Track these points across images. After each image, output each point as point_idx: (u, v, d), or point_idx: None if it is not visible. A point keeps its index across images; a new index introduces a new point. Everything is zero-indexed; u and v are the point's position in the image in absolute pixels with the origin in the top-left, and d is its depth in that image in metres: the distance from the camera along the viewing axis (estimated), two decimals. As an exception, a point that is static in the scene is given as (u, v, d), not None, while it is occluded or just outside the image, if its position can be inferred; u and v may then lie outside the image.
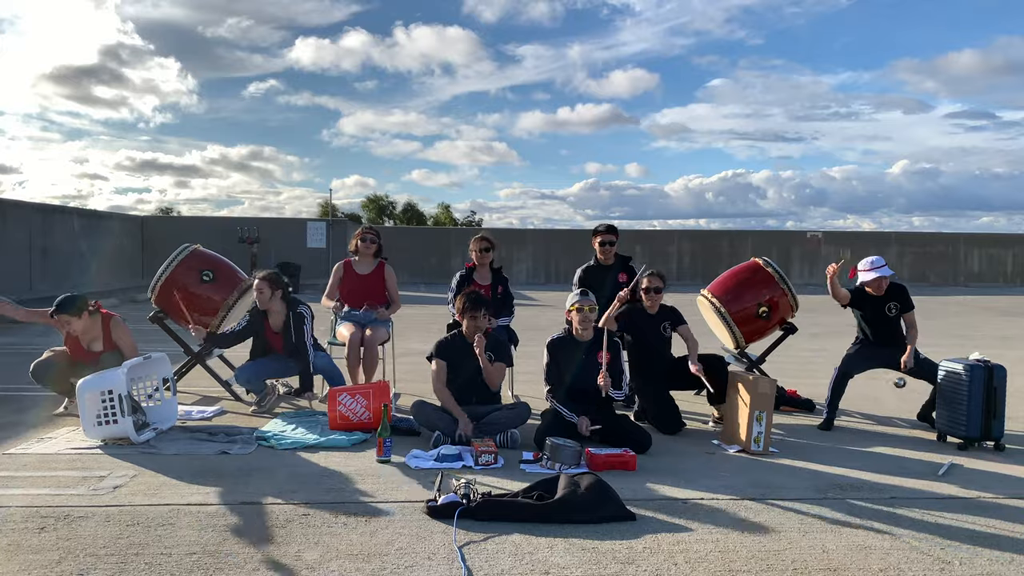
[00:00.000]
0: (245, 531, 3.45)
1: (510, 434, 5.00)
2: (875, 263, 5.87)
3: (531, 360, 6.79)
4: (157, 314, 6.48)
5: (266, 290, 5.85)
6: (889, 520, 3.74)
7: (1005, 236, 27.54)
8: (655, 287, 5.80)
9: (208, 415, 5.74)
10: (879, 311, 5.88)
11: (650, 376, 5.72)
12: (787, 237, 26.93)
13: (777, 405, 6.11)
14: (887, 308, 5.87)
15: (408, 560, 3.17)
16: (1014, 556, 3.32)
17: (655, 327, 5.82)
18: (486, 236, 6.54)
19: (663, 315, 5.86)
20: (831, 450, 5.07)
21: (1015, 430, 5.55)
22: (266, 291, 5.85)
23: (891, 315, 5.87)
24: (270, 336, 6.00)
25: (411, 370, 7.47)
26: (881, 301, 5.87)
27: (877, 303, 5.88)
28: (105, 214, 21.27)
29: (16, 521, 3.53)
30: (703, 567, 3.16)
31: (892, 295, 5.89)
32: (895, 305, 5.87)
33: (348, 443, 4.97)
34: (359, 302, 6.44)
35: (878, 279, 5.81)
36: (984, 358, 5.20)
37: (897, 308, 5.87)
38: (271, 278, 5.93)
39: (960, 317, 14.86)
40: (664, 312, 5.89)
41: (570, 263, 25.09)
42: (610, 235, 6.43)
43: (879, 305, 5.88)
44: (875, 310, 5.90)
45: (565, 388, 5.20)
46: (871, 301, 5.90)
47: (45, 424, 5.42)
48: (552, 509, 3.64)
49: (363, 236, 6.61)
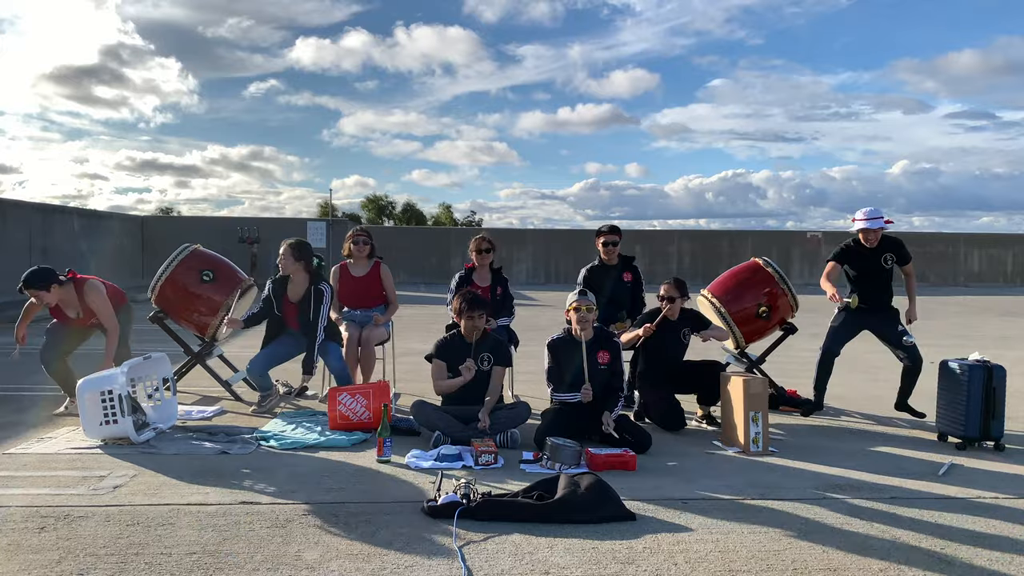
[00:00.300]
0: (245, 531, 3.45)
1: (510, 434, 5.00)
2: (870, 213, 5.77)
3: (531, 360, 6.79)
4: (157, 314, 6.48)
5: (288, 258, 5.93)
6: (889, 520, 3.74)
7: (1005, 236, 27.57)
8: (670, 296, 5.69)
9: (208, 415, 5.74)
10: (874, 264, 5.76)
11: (659, 379, 5.72)
12: (787, 237, 26.94)
13: (777, 405, 6.12)
14: (883, 260, 5.76)
15: (408, 560, 3.17)
16: (1014, 556, 3.32)
17: (675, 333, 5.80)
18: (486, 237, 6.54)
19: (684, 321, 5.83)
20: (831, 450, 5.07)
21: (1015, 430, 5.55)
22: (288, 259, 5.94)
23: (887, 267, 5.76)
24: (287, 308, 6.01)
25: (411, 370, 7.47)
26: (875, 253, 5.80)
27: (871, 256, 5.79)
28: (105, 214, 21.27)
29: (16, 521, 3.53)
30: (703, 567, 3.16)
31: (887, 247, 5.79)
32: (891, 257, 5.77)
33: (348, 443, 4.97)
34: (357, 304, 6.46)
35: (869, 230, 5.72)
36: (984, 358, 5.20)
37: (893, 260, 5.78)
38: (296, 246, 6.00)
39: (960, 317, 14.86)
40: (685, 318, 5.84)
41: (570, 263, 25.36)
42: (613, 235, 6.45)
43: (874, 258, 5.78)
44: (868, 263, 5.77)
45: (566, 387, 5.20)
46: (864, 255, 5.79)
47: (45, 424, 5.42)
48: (552, 509, 3.64)
49: (355, 239, 6.56)
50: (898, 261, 5.82)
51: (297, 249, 5.97)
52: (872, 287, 5.82)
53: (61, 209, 18.32)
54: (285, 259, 5.95)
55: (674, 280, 5.77)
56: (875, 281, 5.80)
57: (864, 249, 5.82)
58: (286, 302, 6.01)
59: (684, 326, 5.83)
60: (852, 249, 5.84)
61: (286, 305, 6.01)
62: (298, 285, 5.98)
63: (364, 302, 6.53)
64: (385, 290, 6.62)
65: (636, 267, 6.57)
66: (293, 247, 5.97)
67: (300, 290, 5.97)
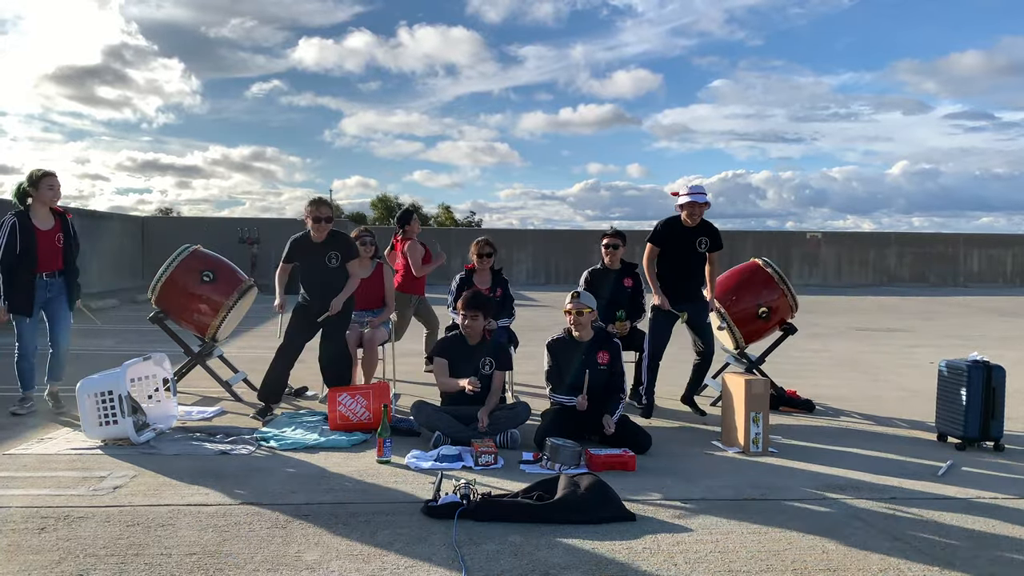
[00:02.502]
0: (245, 531, 3.45)
1: (510, 434, 5.00)
2: (694, 188, 5.81)
3: (531, 360, 6.80)
4: (157, 314, 6.48)
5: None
6: (889, 520, 3.74)
7: (1005, 236, 27.54)
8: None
9: (208, 415, 5.74)
10: (689, 244, 5.80)
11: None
12: (787, 238, 26.92)
13: (777, 405, 6.12)
14: (698, 242, 5.82)
15: (408, 560, 3.17)
16: (1014, 556, 3.32)
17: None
18: (488, 241, 6.52)
19: (702, 230, 5.88)
20: (831, 450, 5.07)
21: (1015, 430, 5.55)
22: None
23: (701, 250, 5.83)
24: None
25: (411, 370, 7.47)
26: (692, 234, 5.84)
27: (687, 235, 5.82)
28: (105, 214, 21.26)
29: (16, 521, 3.53)
30: (703, 567, 3.16)
31: (703, 230, 5.85)
32: (705, 240, 5.84)
33: (348, 443, 4.97)
34: (360, 306, 6.46)
35: (692, 204, 5.76)
36: (984, 358, 5.20)
37: (707, 244, 5.85)
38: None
39: (960, 317, 14.87)
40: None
41: (570, 264, 25.36)
42: (616, 239, 6.49)
43: (690, 238, 5.82)
44: (684, 243, 5.81)
45: (566, 388, 5.20)
46: (681, 234, 5.81)
47: (45, 424, 5.42)
48: (552, 509, 3.64)
49: (361, 239, 6.53)
50: (710, 247, 5.88)
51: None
52: (683, 269, 5.84)
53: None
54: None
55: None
56: (687, 262, 5.83)
57: (682, 228, 5.83)
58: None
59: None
60: (670, 228, 5.86)
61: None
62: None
63: (367, 303, 6.53)
64: (385, 292, 6.62)
65: (638, 274, 6.59)
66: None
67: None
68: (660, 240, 5.87)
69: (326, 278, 5.78)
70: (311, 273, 5.80)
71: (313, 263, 5.78)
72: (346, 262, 5.84)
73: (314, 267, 5.79)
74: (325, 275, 5.78)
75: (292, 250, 5.84)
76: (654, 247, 5.90)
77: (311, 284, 5.81)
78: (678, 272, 5.81)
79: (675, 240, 5.83)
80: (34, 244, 5.58)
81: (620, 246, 6.49)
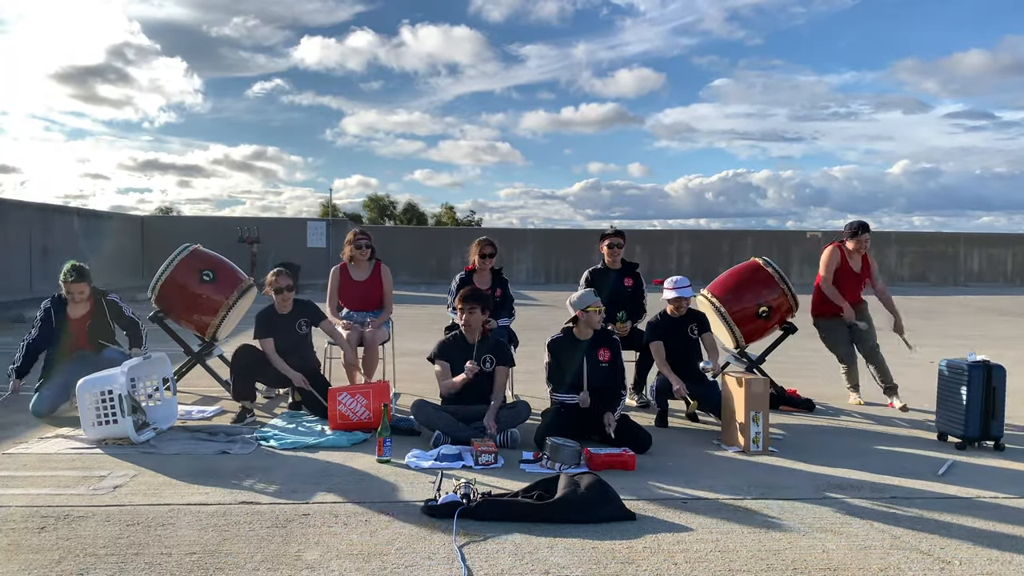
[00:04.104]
0: (245, 530, 3.45)
1: (510, 433, 5.00)
2: (678, 283, 5.93)
3: (531, 360, 6.79)
4: (157, 314, 6.48)
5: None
6: (889, 520, 3.74)
7: (1005, 236, 27.56)
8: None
9: (208, 415, 5.74)
10: (681, 332, 5.91)
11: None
12: (787, 237, 26.93)
13: (777, 405, 6.12)
14: (689, 329, 5.94)
15: (408, 560, 3.17)
16: (1014, 556, 3.32)
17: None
18: (490, 241, 6.50)
19: (690, 318, 5.96)
20: (831, 450, 5.07)
21: (1015, 430, 5.54)
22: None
23: (693, 336, 5.93)
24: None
25: (411, 370, 7.47)
26: (682, 323, 5.93)
27: (678, 325, 5.92)
28: (105, 214, 21.29)
29: (16, 521, 3.53)
30: (703, 567, 3.16)
31: (691, 317, 5.97)
32: (694, 327, 5.95)
33: (348, 443, 4.97)
34: (359, 307, 6.46)
35: (681, 299, 5.87)
36: (983, 358, 5.20)
37: (697, 330, 5.95)
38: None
39: (960, 317, 14.86)
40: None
41: (570, 263, 25.39)
42: (617, 238, 6.52)
43: (681, 327, 5.92)
44: (677, 332, 5.90)
45: (567, 387, 5.20)
46: (671, 325, 5.92)
47: (45, 424, 5.42)
48: (552, 509, 3.64)
49: (356, 243, 6.47)
50: (699, 332, 5.97)
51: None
52: (681, 354, 5.88)
53: (61, 209, 18.34)
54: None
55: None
56: (684, 348, 5.91)
57: (671, 320, 5.94)
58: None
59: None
60: (660, 323, 5.96)
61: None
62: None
63: (366, 305, 6.53)
64: (384, 293, 6.61)
65: (638, 273, 6.61)
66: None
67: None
68: (659, 335, 5.92)
69: (298, 344, 5.88)
70: (283, 343, 5.82)
71: (284, 335, 5.83)
72: (315, 325, 5.97)
73: (287, 337, 5.84)
74: (297, 342, 5.87)
75: (262, 327, 5.82)
76: (658, 343, 5.90)
77: (284, 352, 5.80)
78: (676, 357, 5.88)
79: (669, 332, 5.93)
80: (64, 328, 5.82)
81: (621, 245, 6.51)
